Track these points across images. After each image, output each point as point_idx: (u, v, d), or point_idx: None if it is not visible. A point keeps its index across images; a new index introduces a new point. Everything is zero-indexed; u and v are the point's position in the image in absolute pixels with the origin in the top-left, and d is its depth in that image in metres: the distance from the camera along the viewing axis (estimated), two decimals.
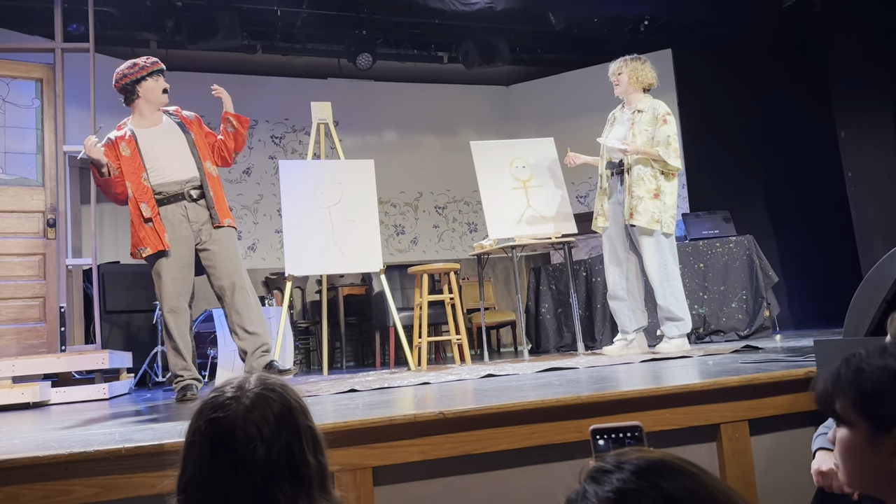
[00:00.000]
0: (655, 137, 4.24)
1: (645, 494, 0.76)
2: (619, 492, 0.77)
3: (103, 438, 1.97)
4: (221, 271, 3.69)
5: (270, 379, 1.17)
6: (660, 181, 4.24)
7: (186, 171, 3.71)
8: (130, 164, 3.65)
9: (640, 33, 7.49)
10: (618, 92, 4.46)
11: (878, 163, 6.25)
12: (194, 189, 3.70)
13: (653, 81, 4.41)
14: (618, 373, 3.03)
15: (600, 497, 0.78)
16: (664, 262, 4.23)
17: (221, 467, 1.07)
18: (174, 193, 3.67)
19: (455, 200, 8.45)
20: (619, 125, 4.44)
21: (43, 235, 4.90)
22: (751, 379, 2.19)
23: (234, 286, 3.68)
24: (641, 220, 4.19)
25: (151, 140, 3.72)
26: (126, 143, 3.69)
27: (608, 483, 0.79)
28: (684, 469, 0.80)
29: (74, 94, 5.36)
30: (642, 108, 4.33)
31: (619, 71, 4.42)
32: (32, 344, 4.77)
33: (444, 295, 5.10)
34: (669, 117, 4.29)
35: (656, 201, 4.22)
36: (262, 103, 7.73)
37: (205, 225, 3.70)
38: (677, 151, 4.25)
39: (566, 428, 2.02)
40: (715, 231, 5.56)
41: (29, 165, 4.94)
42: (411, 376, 3.91)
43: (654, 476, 0.78)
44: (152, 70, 3.74)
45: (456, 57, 7.82)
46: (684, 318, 4.24)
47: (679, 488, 0.77)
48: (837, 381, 1.15)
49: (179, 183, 3.68)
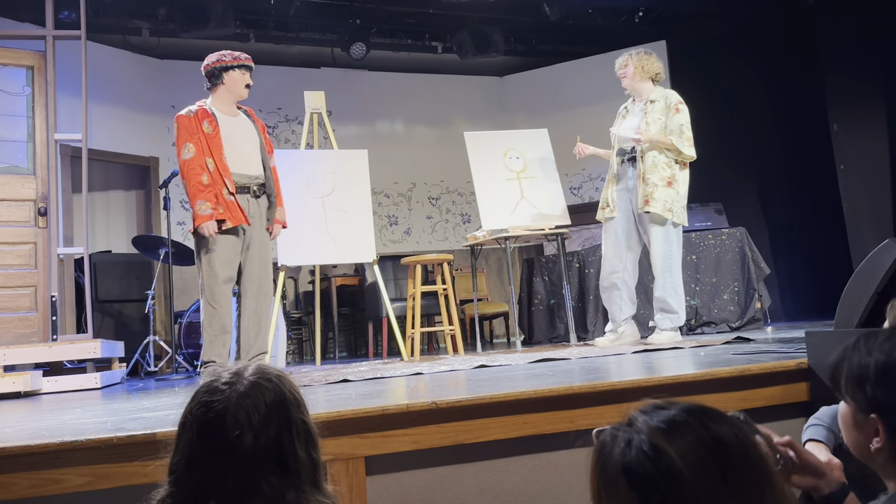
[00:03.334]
0: (668, 126, 4.22)
1: (694, 429, 0.80)
2: (669, 423, 0.81)
3: (95, 427, 1.97)
4: (253, 274, 3.76)
5: (269, 369, 1.17)
6: (674, 169, 4.23)
7: (256, 168, 3.81)
8: (213, 141, 3.67)
9: (634, 24, 7.48)
10: (625, 84, 4.44)
11: (869, 156, 6.28)
12: (259, 186, 3.79)
13: (659, 71, 4.40)
14: (609, 364, 3.04)
15: (651, 425, 0.81)
16: (670, 253, 4.22)
17: (208, 451, 1.07)
18: (242, 185, 3.73)
19: (448, 191, 8.44)
20: (631, 116, 4.43)
21: (34, 224, 4.87)
22: (742, 370, 2.20)
23: (261, 292, 3.77)
24: (656, 208, 4.15)
25: (231, 128, 3.78)
26: (208, 121, 3.71)
27: (659, 416, 0.82)
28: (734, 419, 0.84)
29: (66, 82, 5.33)
30: (654, 98, 4.32)
31: (625, 63, 4.41)
32: (24, 333, 4.75)
33: (437, 286, 5.10)
34: (682, 106, 4.27)
35: (669, 190, 4.20)
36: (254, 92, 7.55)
37: (256, 222, 3.78)
38: (691, 140, 4.22)
39: (558, 418, 2.02)
40: (707, 223, 5.57)
41: (20, 153, 4.90)
42: (404, 367, 3.91)
43: (705, 417, 0.82)
44: (243, 63, 3.88)
45: (450, 47, 7.79)
46: (678, 312, 4.24)
47: (727, 433, 0.81)
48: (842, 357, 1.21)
49: (249, 177, 3.77)
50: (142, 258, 6.16)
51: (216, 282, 3.60)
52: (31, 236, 4.85)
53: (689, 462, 0.77)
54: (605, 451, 0.83)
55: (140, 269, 6.37)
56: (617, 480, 0.80)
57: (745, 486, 0.78)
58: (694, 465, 0.77)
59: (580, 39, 7.80)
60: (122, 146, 6.91)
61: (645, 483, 0.78)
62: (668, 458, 0.77)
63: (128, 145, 6.99)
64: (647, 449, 0.79)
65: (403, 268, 6.42)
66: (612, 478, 0.81)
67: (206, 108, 3.77)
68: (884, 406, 1.13)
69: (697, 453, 0.78)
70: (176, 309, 6.07)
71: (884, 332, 1.21)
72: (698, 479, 0.76)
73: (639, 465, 0.78)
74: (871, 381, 1.15)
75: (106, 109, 6.68)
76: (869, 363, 1.15)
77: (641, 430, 0.81)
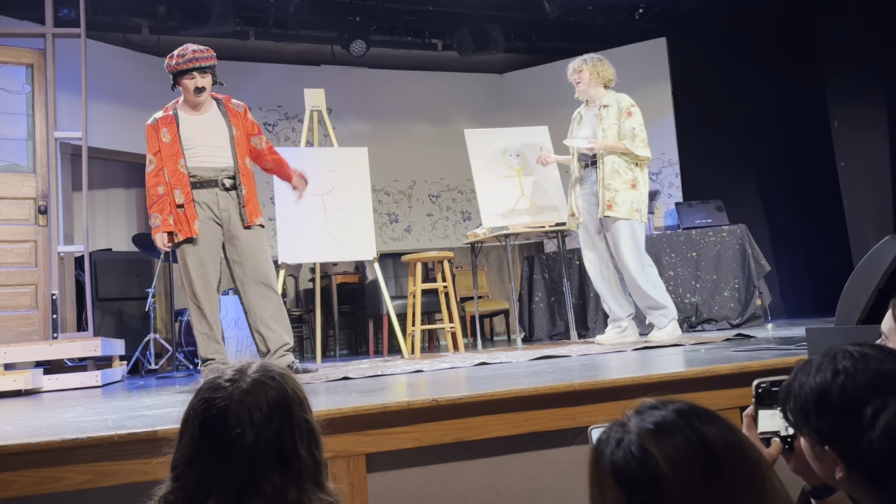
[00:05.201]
0: (622, 131, 4.27)
1: (682, 431, 0.82)
2: (658, 424, 0.83)
3: (96, 425, 1.97)
4: (246, 268, 3.69)
5: (273, 367, 1.17)
6: (635, 172, 4.29)
7: (223, 161, 3.72)
8: (169, 150, 3.65)
9: (634, 21, 7.47)
10: (579, 91, 4.49)
11: (870, 153, 6.27)
12: (228, 178, 3.70)
13: (612, 77, 4.45)
14: (610, 361, 3.05)
15: (641, 427, 0.83)
16: (640, 252, 4.26)
17: (210, 447, 1.08)
18: (208, 179, 3.67)
19: (449, 189, 8.44)
20: (585, 124, 4.48)
21: (34, 222, 4.87)
22: (742, 367, 2.20)
23: (259, 284, 3.68)
24: (621, 212, 4.20)
25: (194, 126, 3.72)
26: (167, 129, 3.68)
27: (650, 416, 0.85)
28: (724, 421, 0.85)
29: (65, 80, 5.32)
30: (608, 104, 4.37)
31: (579, 69, 4.44)
32: (24, 331, 4.75)
33: (437, 283, 5.10)
34: (634, 109, 4.32)
35: (633, 191, 4.25)
36: (254, 90, 7.67)
37: (234, 216, 3.69)
38: (644, 141, 4.27)
39: (558, 415, 2.02)
40: (708, 220, 5.58)
41: (20, 152, 4.90)
42: (405, 364, 3.91)
43: (694, 418, 0.84)
44: (186, 68, 3.63)
45: (450, 44, 7.78)
46: (667, 305, 4.26)
47: (715, 434, 0.82)
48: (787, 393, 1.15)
49: (215, 170, 3.69)
50: (142, 256, 6.16)
51: (192, 280, 3.60)
52: (32, 234, 4.85)
53: (673, 464, 0.80)
54: (599, 450, 0.86)
55: (140, 267, 6.37)
56: (607, 479, 0.83)
57: (730, 488, 0.80)
58: (677, 466, 0.79)
59: (580, 37, 7.79)
60: (123, 144, 6.90)
61: (631, 483, 0.81)
62: (653, 460, 0.80)
63: (128, 143, 6.97)
64: (634, 450, 0.82)
65: (404, 265, 6.42)
66: (603, 476, 0.84)
67: (171, 112, 3.73)
68: (832, 437, 1.08)
69: (682, 455, 0.80)
70: (176, 307, 6.07)
71: (816, 357, 1.14)
72: (681, 481, 0.79)
73: (626, 466, 0.82)
74: (812, 414, 1.10)
75: (106, 107, 6.67)
76: (808, 395, 1.10)
77: (632, 430, 0.84)
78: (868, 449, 1.03)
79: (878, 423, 1.03)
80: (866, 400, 1.05)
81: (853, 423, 1.05)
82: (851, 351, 1.11)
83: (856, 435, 1.05)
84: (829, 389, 1.08)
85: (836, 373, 1.09)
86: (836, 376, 1.08)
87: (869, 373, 1.07)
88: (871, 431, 1.03)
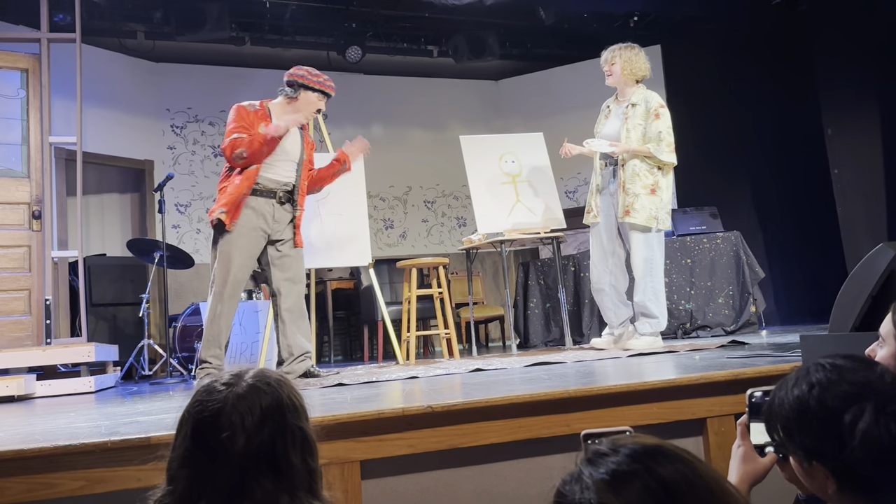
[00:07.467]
0: (647, 133, 4.15)
1: (639, 477, 0.78)
2: (613, 474, 0.79)
3: (89, 431, 1.96)
4: (286, 272, 3.80)
5: (270, 374, 1.17)
6: (657, 176, 4.16)
7: (287, 177, 3.84)
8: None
9: (629, 29, 7.50)
10: (609, 82, 4.35)
11: (863, 160, 6.30)
12: (286, 193, 3.83)
13: (646, 73, 4.31)
14: (605, 367, 3.04)
15: (595, 479, 0.79)
16: (651, 258, 4.18)
17: (201, 450, 1.08)
18: (270, 189, 3.76)
19: (444, 195, 8.44)
20: (613, 118, 4.36)
21: (28, 227, 4.85)
22: (737, 374, 2.21)
23: (293, 290, 3.80)
24: (639, 218, 4.10)
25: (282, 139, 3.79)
26: (265, 126, 3.74)
27: (604, 465, 0.81)
28: (679, 455, 0.81)
29: (60, 85, 5.31)
30: (636, 102, 4.24)
31: (612, 60, 4.30)
32: (17, 336, 4.73)
33: (432, 289, 5.09)
34: (663, 110, 4.20)
35: (653, 197, 4.14)
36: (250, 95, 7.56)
37: (286, 230, 3.82)
38: (671, 146, 4.14)
39: (553, 422, 2.02)
40: (702, 227, 5.59)
41: (14, 156, 4.89)
42: (400, 370, 3.91)
43: (649, 460, 0.80)
44: (324, 89, 3.93)
45: (445, 51, 7.80)
46: (659, 317, 4.18)
47: (673, 473, 0.78)
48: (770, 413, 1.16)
49: (279, 183, 3.80)
50: (136, 261, 6.14)
51: (226, 282, 3.59)
52: (25, 239, 4.84)
53: None
54: None
55: (135, 272, 6.35)
56: None
57: None
58: None
59: (575, 44, 7.82)
60: (117, 149, 6.89)
61: None
62: None
63: (123, 148, 6.97)
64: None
65: (399, 271, 6.41)
66: None
67: (268, 111, 3.83)
68: (816, 452, 1.08)
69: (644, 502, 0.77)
70: (170, 312, 6.05)
71: (791, 374, 1.15)
72: None
73: None
74: (795, 430, 1.10)
75: (101, 112, 6.67)
76: (788, 412, 1.11)
77: (588, 485, 0.80)
78: (851, 458, 1.04)
79: (857, 431, 1.04)
80: (843, 409, 1.06)
81: (834, 434, 1.06)
82: (824, 363, 1.12)
83: (838, 446, 1.05)
84: (806, 403, 1.09)
85: (811, 386, 1.10)
86: (812, 389, 1.10)
87: (843, 383, 1.09)
88: (852, 440, 1.04)
